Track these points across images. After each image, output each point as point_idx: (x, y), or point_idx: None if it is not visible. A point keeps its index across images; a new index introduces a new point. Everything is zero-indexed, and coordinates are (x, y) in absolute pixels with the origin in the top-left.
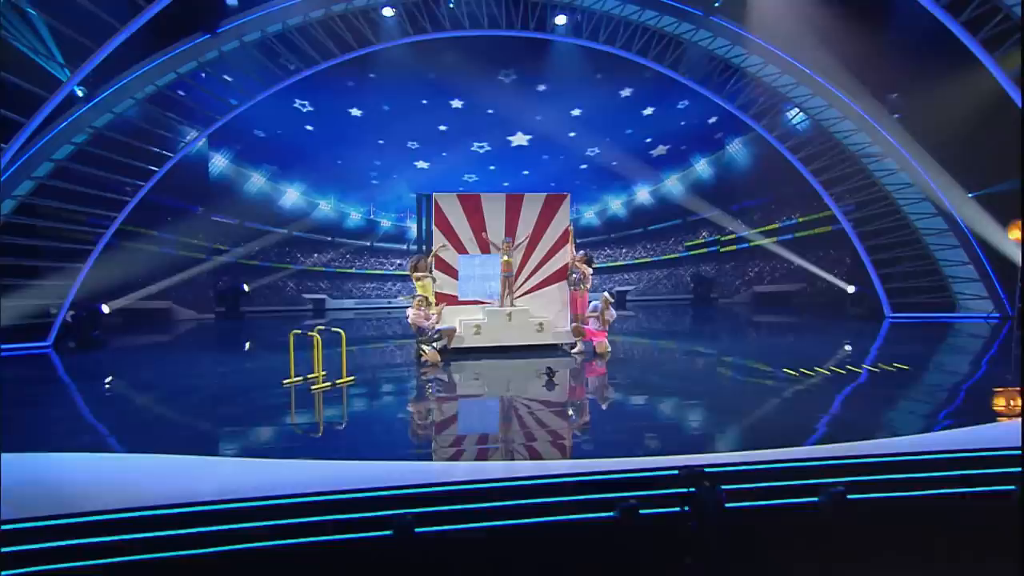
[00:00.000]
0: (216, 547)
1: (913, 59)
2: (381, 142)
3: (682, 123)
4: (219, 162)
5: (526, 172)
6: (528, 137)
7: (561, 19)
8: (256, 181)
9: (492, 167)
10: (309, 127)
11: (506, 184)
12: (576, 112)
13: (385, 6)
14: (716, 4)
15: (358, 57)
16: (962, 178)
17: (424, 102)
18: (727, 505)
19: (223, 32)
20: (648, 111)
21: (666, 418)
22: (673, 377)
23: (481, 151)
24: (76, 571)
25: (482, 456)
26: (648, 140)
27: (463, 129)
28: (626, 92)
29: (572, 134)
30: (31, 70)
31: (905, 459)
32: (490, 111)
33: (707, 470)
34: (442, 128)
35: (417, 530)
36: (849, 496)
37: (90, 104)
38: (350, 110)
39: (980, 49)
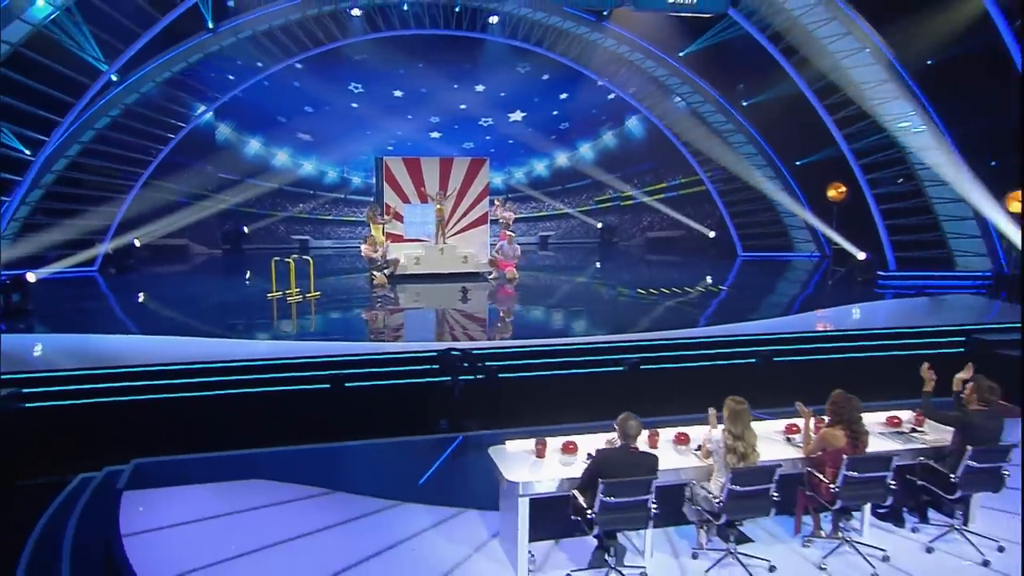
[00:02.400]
0: (210, 391)
1: (750, 62)
2: (355, 105)
3: (592, 109)
4: (223, 130)
5: (468, 145)
6: (467, 109)
7: (494, 19)
8: (253, 145)
9: (435, 134)
10: (295, 101)
11: (469, 146)
12: (508, 89)
13: (353, 7)
14: (605, 13)
15: (334, 49)
16: (785, 151)
17: (392, 87)
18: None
19: (222, 31)
20: (563, 95)
21: (533, 317)
22: (556, 294)
23: (435, 121)
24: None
25: (400, 339)
26: (563, 116)
27: (421, 104)
28: (545, 77)
29: (512, 116)
30: (78, 64)
31: (678, 342)
32: (433, 91)
33: (476, 351)
34: (416, 104)
35: (347, 384)
36: (642, 367)
37: (121, 87)
38: (325, 87)
39: (783, 58)
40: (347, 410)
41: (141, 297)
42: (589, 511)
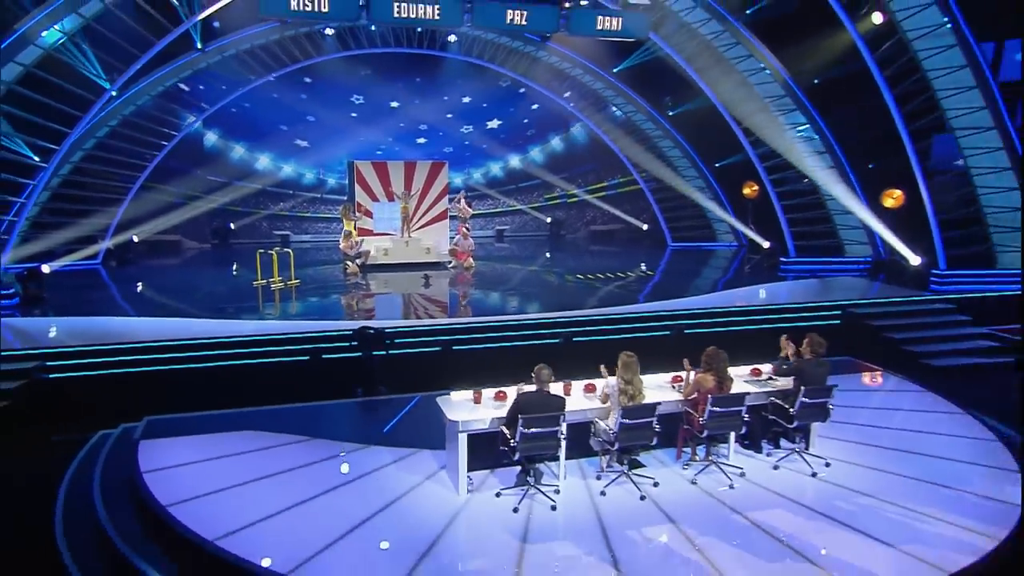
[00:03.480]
0: (209, 363)
1: (674, 78)
2: (343, 118)
3: (541, 118)
4: (211, 137)
5: (429, 148)
6: (430, 118)
7: (452, 37)
8: (237, 151)
9: (398, 142)
10: (276, 112)
11: (448, 150)
12: (467, 99)
13: (326, 27)
14: (549, 35)
15: (311, 65)
16: (706, 154)
17: (362, 99)
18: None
19: (210, 50)
20: (514, 106)
21: (486, 299)
22: (505, 280)
23: (401, 127)
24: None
25: (372, 316)
26: (516, 124)
27: (389, 114)
28: (499, 89)
29: (469, 125)
30: (84, 82)
31: (605, 317)
32: (400, 102)
33: (387, 330)
34: (385, 114)
35: (323, 356)
36: (575, 339)
37: (120, 100)
38: (302, 99)
39: (702, 81)
40: (324, 377)
41: (140, 287)
42: (513, 441)
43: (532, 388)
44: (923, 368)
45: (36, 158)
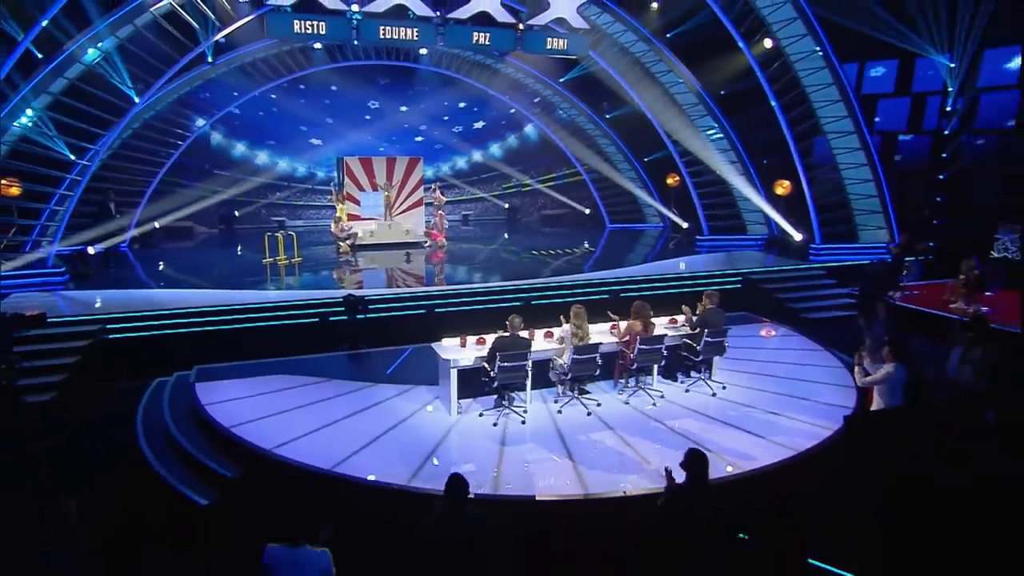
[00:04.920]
0: (233, 325)
1: (610, 87)
2: (330, 121)
3: (499, 119)
4: (217, 137)
5: (408, 146)
6: (407, 119)
7: (424, 50)
8: (240, 149)
9: (383, 140)
10: (275, 115)
11: (409, 146)
12: (438, 104)
13: (315, 42)
14: (507, 52)
15: (305, 75)
16: (637, 150)
17: (349, 103)
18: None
19: (219, 63)
20: (477, 108)
21: (449, 271)
22: (473, 256)
23: (383, 128)
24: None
25: (361, 287)
26: (478, 124)
27: (373, 116)
28: (464, 96)
29: (439, 125)
30: (116, 91)
31: (558, 284)
32: (393, 104)
33: (368, 296)
34: (367, 116)
35: (330, 319)
36: (533, 302)
37: (142, 105)
38: (292, 98)
39: (632, 91)
40: (329, 334)
41: (161, 266)
42: (492, 373)
43: (507, 334)
44: (800, 319)
45: (72, 157)
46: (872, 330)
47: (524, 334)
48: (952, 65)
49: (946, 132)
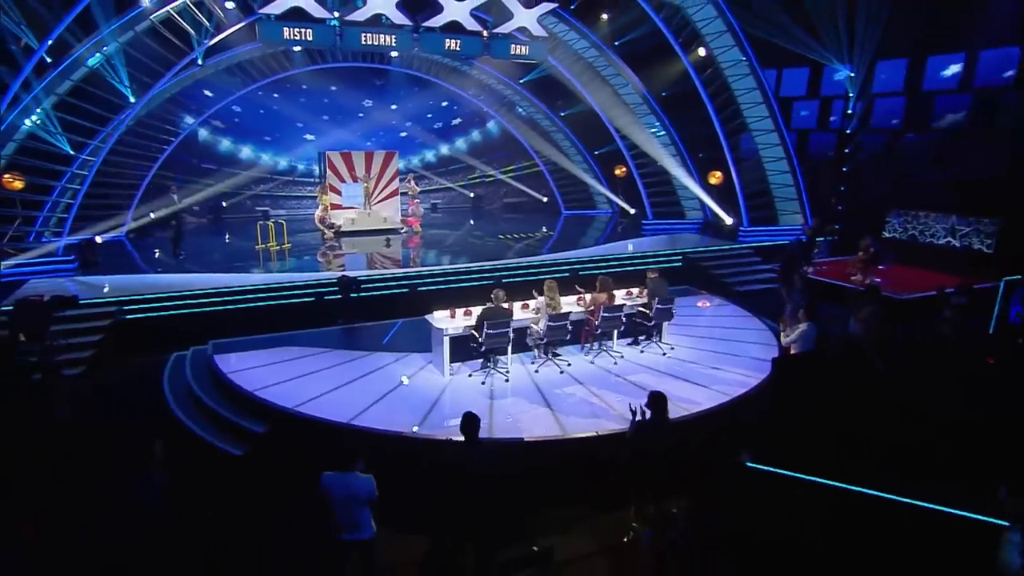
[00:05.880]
0: (214, 307)
1: (564, 88)
2: (300, 124)
3: (465, 116)
4: (204, 134)
5: (383, 141)
6: (382, 117)
7: (394, 53)
8: (226, 144)
9: (360, 135)
10: (259, 113)
11: (384, 142)
12: (409, 103)
13: (295, 45)
14: (472, 58)
15: (287, 76)
16: (588, 144)
17: (328, 101)
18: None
19: (208, 65)
20: (445, 104)
21: (425, 254)
22: (444, 241)
23: (360, 123)
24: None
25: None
26: (446, 120)
27: (350, 114)
28: (433, 94)
29: (410, 122)
30: (114, 91)
31: (523, 264)
32: (368, 102)
33: (359, 277)
34: (359, 114)
35: (325, 298)
36: (504, 280)
37: (139, 106)
38: (275, 97)
39: (585, 91)
40: (326, 310)
41: (157, 253)
42: (480, 339)
43: (491, 305)
44: (732, 292)
45: (72, 152)
46: (791, 298)
47: (505, 306)
48: (852, 74)
49: (848, 131)
